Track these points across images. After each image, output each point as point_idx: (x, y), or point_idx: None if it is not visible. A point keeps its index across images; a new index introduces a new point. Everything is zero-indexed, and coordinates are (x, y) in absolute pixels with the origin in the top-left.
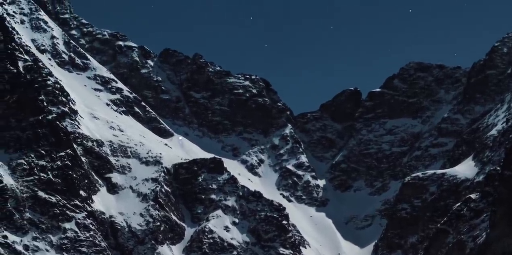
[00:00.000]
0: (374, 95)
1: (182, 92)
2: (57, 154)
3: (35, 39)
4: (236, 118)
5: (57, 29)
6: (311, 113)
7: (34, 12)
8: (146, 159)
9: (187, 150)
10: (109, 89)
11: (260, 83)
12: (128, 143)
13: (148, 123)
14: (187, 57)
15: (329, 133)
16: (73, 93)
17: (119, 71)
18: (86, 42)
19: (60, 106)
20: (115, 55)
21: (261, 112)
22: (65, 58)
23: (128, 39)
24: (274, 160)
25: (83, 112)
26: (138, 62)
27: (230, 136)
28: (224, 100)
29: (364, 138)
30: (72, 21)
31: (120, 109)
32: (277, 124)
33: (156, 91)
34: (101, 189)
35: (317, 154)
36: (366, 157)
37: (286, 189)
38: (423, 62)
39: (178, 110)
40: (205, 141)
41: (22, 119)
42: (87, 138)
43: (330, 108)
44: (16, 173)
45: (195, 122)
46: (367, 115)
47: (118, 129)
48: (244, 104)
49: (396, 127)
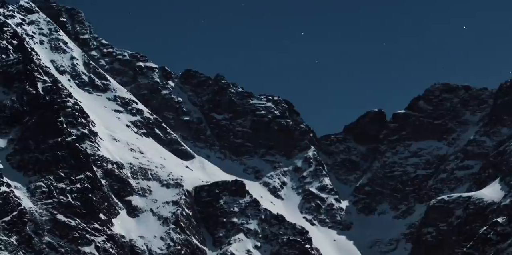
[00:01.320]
0: (399, 117)
1: (203, 114)
2: (77, 177)
3: (55, 60)
4: (259, 140)
5: (77, 49)
6: (334, 135)
7: (53, 33)
8: (166, 182)
9: (208, 172)
10: (129, 110)
11: (283, 104)
12: (148, 165)
13: (169, 145)
14: (208, 78)
15: (353, 155)
16: (92, 115)
17: (140, 93)
18: (106, 63)
19: (79, 128)
20: (136, 76)
21: (284, 134)
22: (84, 79)
23: (148, 59)
24: (297, 183)
25: (103, 134)
26: (159, 83)
27: (252, 158)
28: (246, 122)
29: (388, 160)
30: (92, 41)
31: (140, 131)
32: (300, 146)
33: (177, 113)
34: (121, 212)
35: (340, 176)
36: (391, 179)
37: (309, 212)
38: (448, 83)
39: (200, 132)
40: (226, 163)
41: (41, 141)
42: (107, 160)
43: (354, 130)
44: (35, 196)
45: (217, 144)
46: (391, 137)
47: (138, 151)
48: (267, 126)
49: (421, 149)
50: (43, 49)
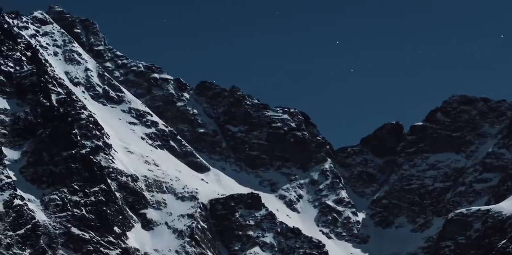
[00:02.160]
0: (417, 129)
1: (219, 126)
2: (91, 189)
3: (69, 71)
4: (274, 153)
5: (91, 61)
6: (351, 148)
7: (67, 44)
8: (182, 194)
9: (224, 185)
10: (144, 122)
11: (299, 116)
12: (163, 178)
13: (184, 157)
14: (224, 90)
15: (370, 167)
16: (107, 127)
17: (155, 104)
18: (120, 74)
19: (94, 141)
20: (150, 87)
21: (300, 147)
22: (99, 91)
23: (163, 71)
24: (313, 196)
25: (117, 147)
26: (174, 95)
27: (268, 171)
28: (262, 134)
29: (406, 173)
30: (107, 53)
31: (155, 143)
32: (316, 158)
33: (192, 125)
34: (136, 225)
35: (357, 189)
36: (408, 192)
37: (326, 225)
38: (467, 95)
39: (215, 145)
40: (242, 176)
41: (55, 153)
42: (121, 172)
43: (371, 142)
44: (49, 209)
45: (232, 156)
46: (409, 149)
47: (153, 164)
48: (283, 138)
49: (439, 162)
50: (57, 61)
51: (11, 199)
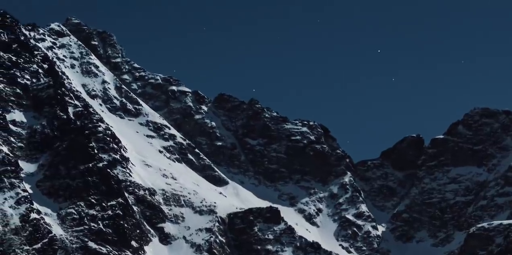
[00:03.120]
0: (437, 142)
1: (237, 139)
2: (108, 203)
3: (86, 84)
4: (294, 166)
5: (108, 73)
6: (371, 161)
7: (84, 56)
8: (200, 208)
9: (242, 199)
10: (161, 135)
11: (319, 129)
12: (181, 191)
13: (202, 171)
14: (242, 103)
15: (390, 181)
16: (124, 140)
17: (172, 117)
18: (138, 87)
19: (111, 154)
20: (168, 100)
21: (320, 160)
22: (116, 104)
23: (181, 83)
24: (333, 209)
25: (135, 160)
26: (192, 107)
27: (287, 184)
28: (281, 147)
29: (427, 186)
30: (124, 65)
31: (173, 156)
32: (336, 172)
33: (210, 138)
34: (154, 239)
35: (377, 203)
36: (429, 206)
37: (346, 240)
38: (488, 108)
39: (234, 158)
40: (261, 189)
41: (72, 167)
42: (139, 186)
43: (391, 155)
44: (66, 223)
45: (251, 170)
46: (430, 163)
47: (171, 177)
48: (302, 151)
49: (460, 175)
50: (74, 73)
51: (27, 213)
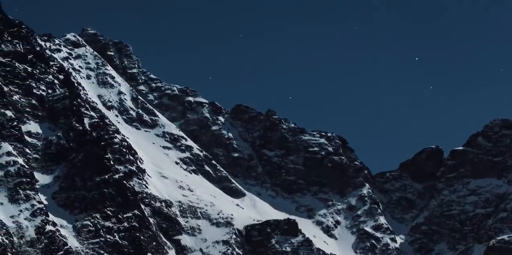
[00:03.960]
0: (457, 153)
1: (254, 150)
2: (124, 215)
3: (102, 95)
4: (311, 178)
5: (125, 84)
6: (390, 173)
7: (100, 67)
8: (216, 220)
9: (259, 211)
10: (178, 147)
11: (336, 141)
12: (198, 203)
13: (219, 182)
14: (259, 114)
15: (409, 193)
16: (140, 151)
17: (189, 128)
18: (154, 98)
19: (127, 165)
20: (185, 111)
21: (338, 172)
22: (132, 115)
23: (198, 94)
24: (351, 221)
25: (151, 171)
26: (209, 118)
27: (305, 196)
28: (298, 159)
29: (446, 198)
30: (140, 76)
31: (189, 168)
32: (354, 184)
33: (227, 149)
34: (170, 251)
35: (396, 215)
36: (449, 218)
37: (364, 252)
38: (508, 119)
39: (251, 169)
40: (278, 201)
41: (87, 178)
42: (155, 198)
43: (410, 167)
44: (81, 235)
45: (268, 181)
46: (449, 175)
47: (187, 189)
48: (320, 163)
49: (480, 187)
50: (90, 84)
51: (43, 225)
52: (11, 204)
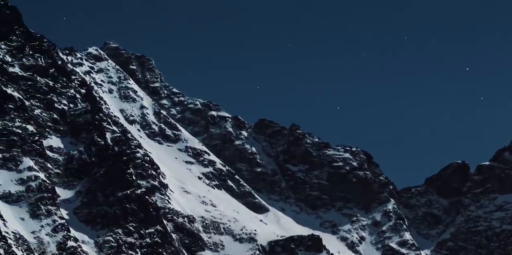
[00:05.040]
0: (483, 169)
1: (278, 165)
2: (146, 231)
3: (124, 109)
4: (336, 193)
5: (147, 98)
6: (415, 188)
7: (122, 81)
8: (240, 236)
9: (283, 226)
10: (201, 162)
11: (361, 155)
12: (221, 218)
13: (242, 198)
14: (283, 128)
15: (435, 208)
16: (163, 166)
17: (212, 143)
18: (177, 112)
19: (149, 180)
20: (208, 126)
21: (362, 187)
22: (155, 129)
23: (221, 109)
24: (376, 237)
25: (173, 187)
26: (232, 133)
27: (329, 212)
28: (322, 174)
29: (472, 214)
30: (163, 90)
31: (212, 183)
32: (379, 199)
33: (250, 164)
34: None
35: (422, 231)
36: (475, 234)
37: None
38: None
39: (274, 184)
40: (302, 217)
41: (109, 194)
42: (177, 213)
43: (436, 182)
44: (103, 251)
45: (292, 197)
46: (475, 190)
47: (210, 204)
48: (344, 178)
49: (507, 203)
50: (112, 98)
51: (64, 241)
52: (32, 220)
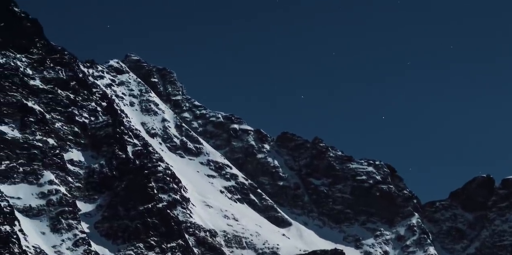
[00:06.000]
0: (509, 182)
1: (301, 179)
2: (168, 245)
3: (145, 122)
4: (359, 207)
5: (168, 111)
6: (440, 202)
7: (144, 94)
8: (262, 250)
9: (306, 241)
10: (223, 175)
11: (385, 169)
12: (243, 233)
13: (265, 212)
14: (306, 141)
15: (459, 223)
16: (185, 180)
17: (234, 156)
18: (199, 125)
19: (171, 194)
20: (230, 139)
21: (386, 201)
22: (176, 143)
23: (243, 122)
24: (400, 252)
25: (195, 200)
26: (254, 146)
27: (353, 226)
28: (346, 188)
29: (498, 228)
30: (184, 103)
31: (234, 197)
32: (403, 213)
33: (273, 178)
34: None
35: (446, 245)
36: (501, 249)
37: None
38: None
39: (297, 198)
40: (325, 231)
41: (131, 208)
42: (199, 227)
43: (460, 196)
44: None
45: (315, 211)
46: (501, 204)
47: (232, 218)
48: (368, 192)
49: None
50: (133, 111)
51: None
52: (53, 234)
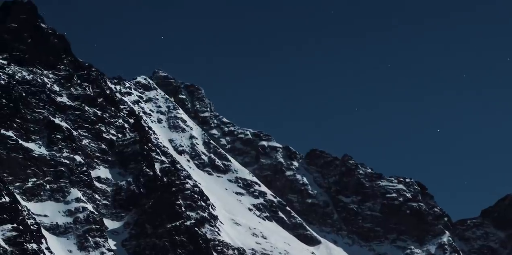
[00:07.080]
0: None
1: (330, 196)
2: None
3: (173, 139)
4: (389, 225)
5: (196, 128)
6: (471, 220)
7: (172, 111)
8: None
9: None
10: (251, 193)
11: (415, 186)
12: (271, 251)
13: (294, 229)
14: (335, 159)
15: (491, 241)
16: (213, 197)
17: (263, 174)
18: (227, 142)
19: (199, 212)
20: (258, 156)
21: (416, 219)
22: (204, 160)
23: (272, 139)
24: None
25: (223, 218)
26: (283, 163)
27: (383, 244)
28: (375, 205)
29: None
30: (213, 119)
31: (263, 214)
32: (433, 231)
33: (302, 195)
34: None
35: None
36: None
37: None
38: None
39: (326, 216)
40: (355, 249)
41: (158, 225)
42: (227, 245)
43: (492, 214)
44: None
45: (344, 229)
46: None
47: (261, 236)
48: (398, 209)
49: None
50: (161, 128)
51: None
52: (80, 252)
